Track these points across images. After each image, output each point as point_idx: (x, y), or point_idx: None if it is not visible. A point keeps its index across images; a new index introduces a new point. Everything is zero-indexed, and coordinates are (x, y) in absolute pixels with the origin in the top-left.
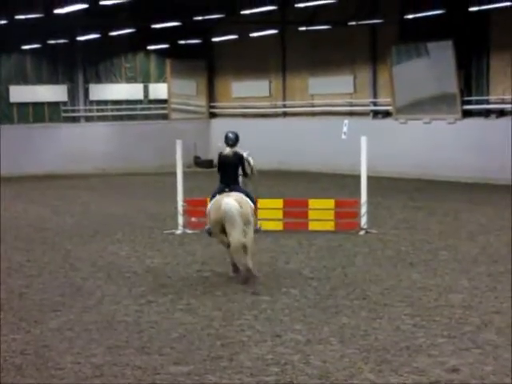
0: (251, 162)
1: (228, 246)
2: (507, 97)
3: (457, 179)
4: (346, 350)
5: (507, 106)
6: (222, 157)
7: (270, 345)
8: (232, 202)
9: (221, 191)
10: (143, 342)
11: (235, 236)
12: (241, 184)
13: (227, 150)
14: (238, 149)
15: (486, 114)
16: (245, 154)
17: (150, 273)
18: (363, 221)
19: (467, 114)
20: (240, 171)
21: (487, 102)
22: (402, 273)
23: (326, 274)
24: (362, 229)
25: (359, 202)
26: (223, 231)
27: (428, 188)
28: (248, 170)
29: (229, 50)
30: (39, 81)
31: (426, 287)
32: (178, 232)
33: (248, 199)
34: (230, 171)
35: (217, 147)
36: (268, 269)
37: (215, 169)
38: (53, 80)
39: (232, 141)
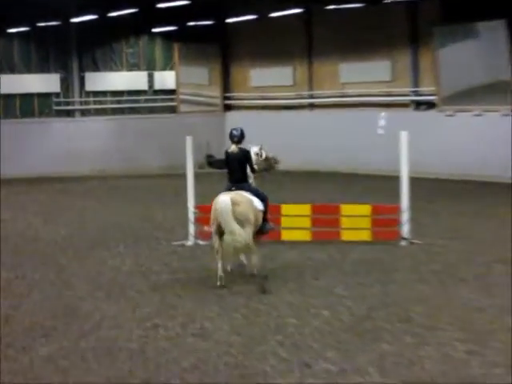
0: (264, 154)
1: (216, 251)
2: None
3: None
4: (387, 381)
5: None
6: (227, 154)
7: (297, 376)
8: (225, 199)
9: (227, 190)
10: (149, 373)
11: (226, 234)
12: (251, 181)
13: (232, 147)
14: (252, 146)
15: None
16: (255, 149)
17: (157, 291)
18: (405, 229)
19: None
20: (248, 168)
21: None
22: (451, 290)
23: (362, 291)
24: (403, 239)
25: (400, 208)
26: (220, 233)
27: (480, 191)
28: (261, 166)
29: (246, 32)
30: (28, 69)
31: (479, 307)
32: (189, 243)
33: (254, 198)
34: (236, 168)
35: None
36: (294, 286)
37: None
38: (43, 68)
39: (237, 137)
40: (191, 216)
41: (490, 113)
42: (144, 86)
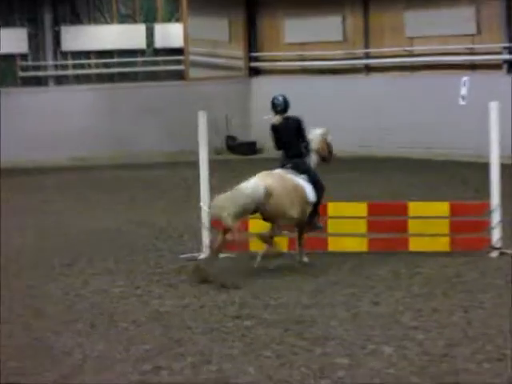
0: (330, 138)
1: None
2: None
3: None
4: None
5: None
6: (272, 128)
7: None
8: (258, 184)
9: (281, 167)
10: None
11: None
12: (310, 160)
13: (276, 118)
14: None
15: None
16: (318, 131)
17: (159, 322)
18: (495, 236)
19: None
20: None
21: None
22: None
23: (438, 320)
24: (493, 248)
25: (488, 206)
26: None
27: None
28: (323, 152)
29: None
30: None
31: None
32: (203, 256)
33: (305, 184)
34: (287, 143)
35: (262, 122)
36: (345, 313)
37: (254, 155)
38: (5, 21)
39: (280, 106)
40: (205, 219)
41: None
42: (141, 43)
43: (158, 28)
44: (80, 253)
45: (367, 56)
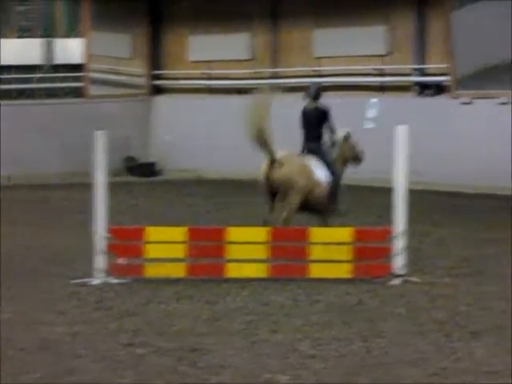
0: (353, 141)
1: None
2: None
3: None
4: None
5: None
6: (303, 110)
7: None
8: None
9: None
10: None
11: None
12: (331, 151)
13: (308, 101)
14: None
15: None
16: (341, 133)
17: (49, 350)
18: (398, 263)
19: None
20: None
21: None
22: (460, 348)
23: (337, 349)
24: (395, 276)
25: (391, 232)
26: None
27: (507, 208)
28: (346, 154)
29: None
30: None
31: (497, 371)
32: (96, 281)
33: (318, 166)
34: (311, 127)
35: (162, 142)
36: (242, 342)
37: (154, 177)
38: None
39: (312, 93)
40: (100, 243)
41: None
42: (39, 59)
43: (58, 43)
44: None
45: (275, 76)
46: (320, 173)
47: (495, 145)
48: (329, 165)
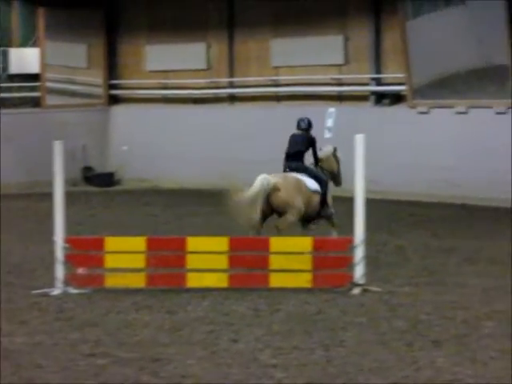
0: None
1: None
2: None
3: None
4: None
5: None
6: (291, 137)
7: None
8: (266, 178)
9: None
10: None
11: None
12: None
13: (298, 131)
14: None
15: None
16: (328, 148)
17: (9, 360)
18: (358, 272)
19: None
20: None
21: None
22: (421, 357)
23: (298, 358)
24: (355, 285)
25: (352, 242)
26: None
27: (465, 218)
28: (333, 168)
29: None
30: None
31: (458, 380)
32: (56, 292)
33: (307, 179)
34: (295, 148)
35: (120, 152)
36: (203, 352)
37: (112, 187)
38: None
39: (305, 125)
40: (60, 253)
41: (480, 109)
42: None
43: (13, 53)
44: None
45: (232, 85)
46: (310, 183)
47: (452, 154)
48: (315, 176)
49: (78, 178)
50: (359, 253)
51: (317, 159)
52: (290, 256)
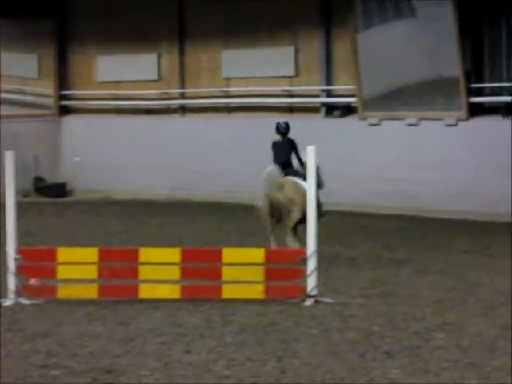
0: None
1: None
2: None
3: (463, 215)
4: None
5: None
6: (273, 144)
7: None
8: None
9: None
10: None
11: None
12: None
13: (278, 137)
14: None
15: (507, 110)
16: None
17: None
18: (310, 284)
19: (477, 110)
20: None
21: (510, 91)
22: (374, 368)
23: (251, 369)
24: (308, 296)
25: (304, 254)
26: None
27: (415, 229)
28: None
29: (91, 4)
30: None
31: None
32: (8, 303)
33: (301, 181)
34: (281, 155)
35: (72, 163)
36: (156, 363)
37: (63, 197)
38: None
39: (284, 129)
40: (11, 264)
41: (431, 121)
42: None
43: None
44: None
45: (183, 96)
46: (305, 184)
47: (403, 166)
48: (305, 178)
49: (30, 189)
50: (311, 264)
51: (301, 161)
52: (243, 267)
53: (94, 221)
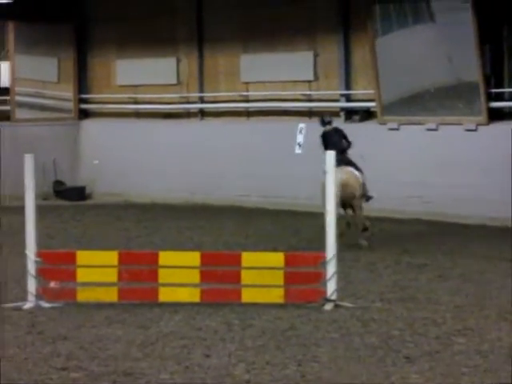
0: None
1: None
2: None
3: (482, 221)
4: None
5: None
6: (324, 133)
7: None
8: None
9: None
10: None
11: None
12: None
13: (327, 127)
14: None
15: None
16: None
17: None
18: (330, 288)
19: (496, 115)
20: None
21: None
22: (394, 372)
23: (271, 373)
24: (328, 300)
25: (324, 258)
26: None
27: (434, 233)
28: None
29: (111, 9)
30: None
31: None
32: (28, 305)
33: (355, 172)
34: (337, 141)
35: (91, 166)
36: (176, 366)
37: (83, 201)
38: None
39: (327, 120)
40: (31, 267)
41: (450, 126)
42: None
43: None
44: None
45: (202, 100)
46: (359, 175)
47: (422, 170)
48: (356, 167)
49: (49, 192)
50: (331, 268)
51: (349, 144)
52: (262, 271)
53: (113, 224)
